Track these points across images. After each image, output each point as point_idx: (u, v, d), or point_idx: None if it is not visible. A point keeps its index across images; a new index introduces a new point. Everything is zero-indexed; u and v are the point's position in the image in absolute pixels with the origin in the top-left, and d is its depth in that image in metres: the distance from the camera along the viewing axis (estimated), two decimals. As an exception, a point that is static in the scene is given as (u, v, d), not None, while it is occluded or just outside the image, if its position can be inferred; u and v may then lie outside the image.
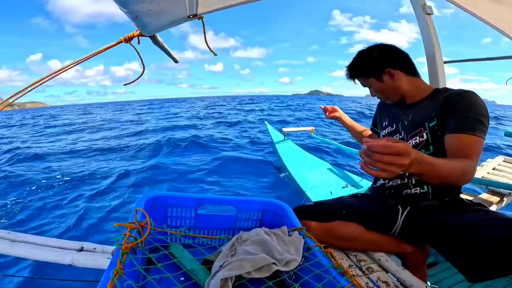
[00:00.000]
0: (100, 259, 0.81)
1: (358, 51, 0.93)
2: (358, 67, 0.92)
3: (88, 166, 5.72)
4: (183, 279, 0.60)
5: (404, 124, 0.91)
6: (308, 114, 15.41)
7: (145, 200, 0.69)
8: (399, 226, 0.86)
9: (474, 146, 0.70)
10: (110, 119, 17.21)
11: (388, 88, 0.88)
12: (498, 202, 1.34)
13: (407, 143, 0.50)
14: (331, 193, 2.45)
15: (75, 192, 4.28)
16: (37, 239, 0.94)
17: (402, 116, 0.92)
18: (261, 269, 0.53)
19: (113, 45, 0.89)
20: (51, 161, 6.22)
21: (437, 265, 1.16)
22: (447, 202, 0.83)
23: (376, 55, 0.88)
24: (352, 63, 0.94)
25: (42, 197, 4.05)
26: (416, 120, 0.86)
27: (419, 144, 0.84)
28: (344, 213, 0.87)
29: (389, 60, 0.87)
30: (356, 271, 0.77)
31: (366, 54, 0.90)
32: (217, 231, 0.79)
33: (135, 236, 0.53)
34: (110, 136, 9.70)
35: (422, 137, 0.83)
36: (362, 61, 0.91)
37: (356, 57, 0.93)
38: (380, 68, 0.87)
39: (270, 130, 4.62)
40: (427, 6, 1.32)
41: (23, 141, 9.84)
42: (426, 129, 0.82)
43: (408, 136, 0.88)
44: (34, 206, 3.77)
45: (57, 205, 3.81)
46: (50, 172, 5.32)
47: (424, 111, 0.84)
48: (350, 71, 0.95)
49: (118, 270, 0.41)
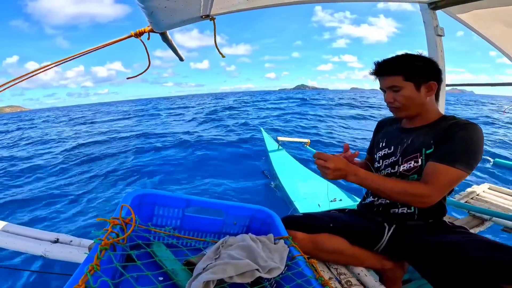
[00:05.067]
0: (75, 252, 0.78)
1: (403, 53, 0.86)
2: (403, 65, 0.82)
3: (80, 159, 5.58)
4: (162, 278, 0.59)
5: (402, 147, 0.88)
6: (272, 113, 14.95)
7: (132, 196, 0.67)
8: (384, 243, 0.87)
9: (444, 176, 0.71)
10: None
11: (417, 100, 0.82)
12: (477, 226, 1.37)
13: (337, 156, 0.78)
14: (319, 206, 2.45)
15: (58, 183, 4.15)
16: (10, 227, 0.89)
17: (403, 139, 0.89)
18: (244, 275, 0.52)
19: (122, 39, 0.89)
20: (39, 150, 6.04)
21: (411, 282, 1.17)
22: (431, 224, 0.85)
23: (427, 64, 0.83)
24: (395, 59, 0.84)
25: (26, 187, 3.91)
26: (415, 145, 0.83)
27: (412, 169, 0.83)
28: (331, 226, 0.88)
29: (436, 74, 0.82)
30: (336, 284, 0.77)
31: (416, 58, 0.84)
32: (203, 233, 0.78)
33: (117, 232, 0.52)
34: (98, 131, 9.52)
35: (417, 162, 0.82)
36: (410, 62, 0.83)
37: (401, 56, 0.85)
38: (427, 77, 0.81)
39: (265, 137, 4.64)
40: (439, 28, 1.32)
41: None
42: (422, 155, 0.81)
43: (403, 160, 0.86)
44: (16, 196, 3.63)
45: (39, 195, 3.68)
46: (37, 160, 5.16)
47: (425, 136, 0.82)
48: (388, 65, 0.84)
49: (94, 266, 0.40)
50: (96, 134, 9.68)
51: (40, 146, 8.22)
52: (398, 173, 0.86)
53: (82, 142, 7.99)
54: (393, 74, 0.83)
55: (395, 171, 0.87)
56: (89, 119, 17.85)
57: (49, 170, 5.04)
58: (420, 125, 0.88)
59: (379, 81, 0.88)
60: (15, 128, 16.40)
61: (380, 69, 0.86)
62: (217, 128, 9.61)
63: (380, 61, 0.86)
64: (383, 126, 1.05)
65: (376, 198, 0.93)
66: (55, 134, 10.73)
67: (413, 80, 0.81)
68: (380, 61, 0.86)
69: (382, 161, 0.93)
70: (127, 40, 0.86)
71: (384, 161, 0.92)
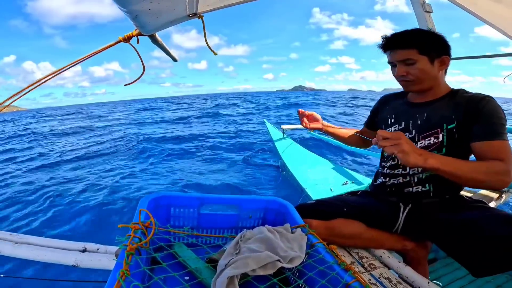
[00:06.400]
0: (104, 260, 0.81)
1: (415, 28, 0.85)
2: (418, 38, 0.81)
3: (89, 168, 5.70)
4: (188, 278, 0.60)
5: (416, 123, 0.86)
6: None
7: (148, 200, 0.69)
8: (401, 224, 0.87)
9: (507, 150, 0.71)
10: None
11: (431, 73, 0.82)
12: (497, 199, 1.35)
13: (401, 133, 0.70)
14: (331, 190, 2.45)
15: (74, 194, 4.27)
16: (39, 240, 0.93)
17: (415, 114, 0.88)
18: (266, 266, 0.53)
19: (112, 45, 0.89)
20: (51, 161, 6.20)
21: (437, 261, 1.17)
22: (448, 200, 0.84)
23: (441, 38, 0.82)
24: (407, 32, 0.83)
25: (41, 199, 4.04)
26: (433, 120, 0.82)
27: (432, 145, 0.82)
28: (345, 210, 0.88)
29: (448, 49, 0.82)
30: (359, 267, 0.77)
31: (430, 33, 0.83)
32: (221, 230, 0.79)
33: (139, 237, 0.54)
34: (108, 138, 9.67)
35: (438, 138, 0.81)
36: (425, 35, 0.82)
37: (414, 30, 0.83)
38: (441, 51, 0.81)
39: (269, 128, 4.62)
40: (426, 4, 1.31)
41: (20, 142, 9.80)
42: (443, 131, 0.80)
43: (420, 136, 0.84)
44: (33, 208, 3.76)
45: (57, 206, 3.80)
46: (50, 173, 5.30)
47: (443, 111, 0.81)
48: (404, 38, 0.82)
49: (124, 272, 0.41)
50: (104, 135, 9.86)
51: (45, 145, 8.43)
52: None
53: (83, 143, 8.15)
54: (407, 48, 0.81)
55: None
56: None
57: (49, 174, 5.18)
58: (432, 100, 0.86)
59: (388, 56, 0.87)
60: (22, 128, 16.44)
61: (392, 42, 0.84)
62: (218, 124, 9.67)
63: (392, 34, 0.84)
64: (388, 102, 1.03)
65: (388, 178, 0.92)
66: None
67: (427, 54, 0.80)
68: (391, 34, 0.84)
69: None
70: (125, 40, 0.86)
71: None
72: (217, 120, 11.65)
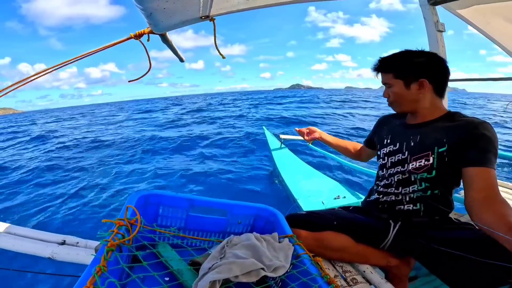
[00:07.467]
0: (82, 254, 0.78)
1: (406, 49, 0.87)
2: (393, 63, 0.85)
3: (82, 161, 5.63)
4: (168, 279, 0.59)
5: (409, 145, 0.86)
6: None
7: (137, 197, 0.68)
8: (390, 240, 0.87)
9: (495, 180, 0.71)
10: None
11: (409, 97, 0.84)
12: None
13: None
14: (323, 203, 2.44)
15: (63, 185, 4.20)
16: (17, 229, 0.90)
17: (408, 135, 0.88)
18: (249, 274, 0.53)
19: (123, 41, 0.89)
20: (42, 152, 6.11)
21: (417, 279, 1.16)
22: (437, 220, 0.84)
23: (421, 61, 0.82)
24: (388, 57, 0.87)
25: (27, 188, 3.95)
26: (426, 143, 0.82)
27: (423, 167, 0.81)
28: (336, 224, 0.88)
29: (430, 71, 0.82)
30: (341, 281, 0.77)
31: (410, 55, 0.84)
32: (208, 233, 0.78)
33: (122, 234, 0.52)
34: (105, 133, 9.60)
35: (428, 160, 0.80)
36: (401, 59, 0.84)
37: (397, 54, 0.86)
38: (416, 75, 0.82)
39: (267, 135, 4.62)
40: (440, 24, 1.31)
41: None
42: (434, 154, 0.79)
43: (412, 158, 0.84)
44: (19, 197, 3.68)
45: (43, 196, 3.72)
46: (40, 163, 5.22)
47: (436, 134, 0.81)
48: (382, 63, 0.88)
49: (101, 267, 0.40)
50: (101, 134, 9.76)
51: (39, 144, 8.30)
52: (407, 171, 0.85)
53: (84, 142, 8.06)
54: (385, 72, 0.89)
55: (404, 169, 0.86)
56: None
57: (48, 170, 5.09)
58: (424, 121, 0.87)
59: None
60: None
61: (377, 66, 0.91)
62: (214, 125, 9.69)
63: (379, 58, 0.91)
64: (386, 122, 1.05)
65: (382, 195, 0.93)
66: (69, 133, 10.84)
67: (402, 78, 0.84)
68: (378, 58, 0.91)
69: (387, 158, 0.93)
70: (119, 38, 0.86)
71: (389, 159, 0.92)
72: (212, 121, 11.65)
